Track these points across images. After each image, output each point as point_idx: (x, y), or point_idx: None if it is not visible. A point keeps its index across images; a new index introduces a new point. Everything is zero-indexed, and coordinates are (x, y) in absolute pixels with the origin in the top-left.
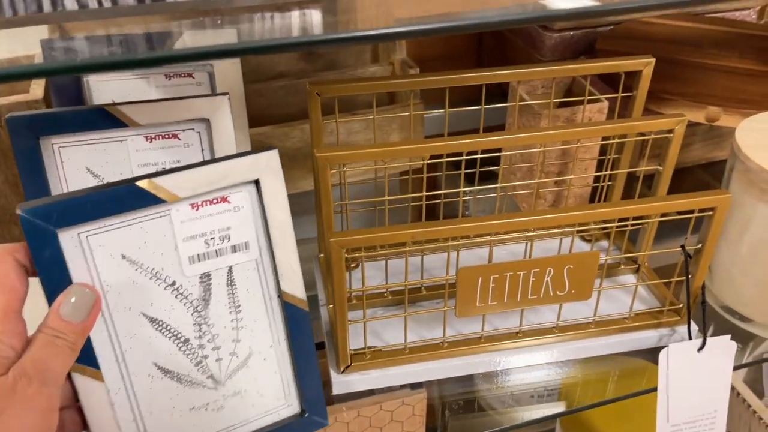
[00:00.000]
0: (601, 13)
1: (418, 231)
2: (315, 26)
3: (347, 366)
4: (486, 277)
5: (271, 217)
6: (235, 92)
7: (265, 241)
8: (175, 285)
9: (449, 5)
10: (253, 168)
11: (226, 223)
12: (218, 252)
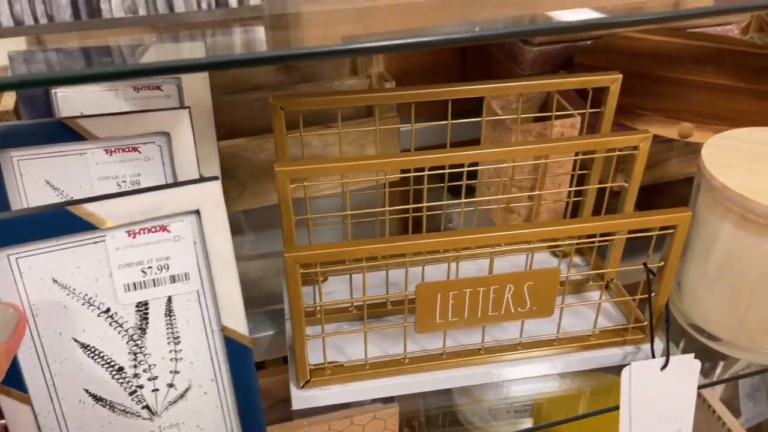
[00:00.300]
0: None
1: (374, 247)
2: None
3: (307, 381)
4: (445, 293)
5: (211, 248)
6: (203, 105)
7: (207, 272)
8: (109, 312)
9: (421, 20)
10: (194, 198)
11: (165, 252)
12: (156, 281)
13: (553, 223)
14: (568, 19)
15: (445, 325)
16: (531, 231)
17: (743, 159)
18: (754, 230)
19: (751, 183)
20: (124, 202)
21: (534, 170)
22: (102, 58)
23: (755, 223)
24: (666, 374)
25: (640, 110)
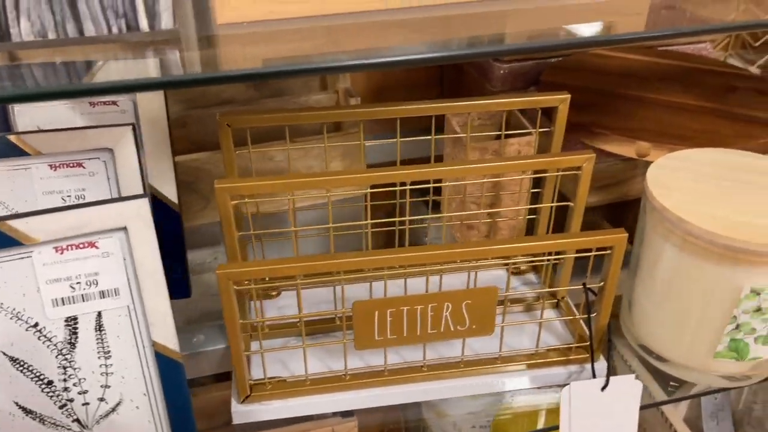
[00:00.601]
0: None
1: (305, 264)
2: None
3: (247, 396)
4: (382, 311)
5: (139, 265)
6: (158, 121)
7: (138, 288)
8: (37, 326)
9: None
10: (121, 215)
11: (94, 268)
12: (85, 297)
13: (482, 244)
14: (528, 43)
15: (384, 342)
16: (456, 251)
17: (687, 180)
18: (695, 253)
19: (691, 205)
20: (51, 218)
21: (492, 187)
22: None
23: (695, 245)
24: (607, 395)
25: (599, 129)
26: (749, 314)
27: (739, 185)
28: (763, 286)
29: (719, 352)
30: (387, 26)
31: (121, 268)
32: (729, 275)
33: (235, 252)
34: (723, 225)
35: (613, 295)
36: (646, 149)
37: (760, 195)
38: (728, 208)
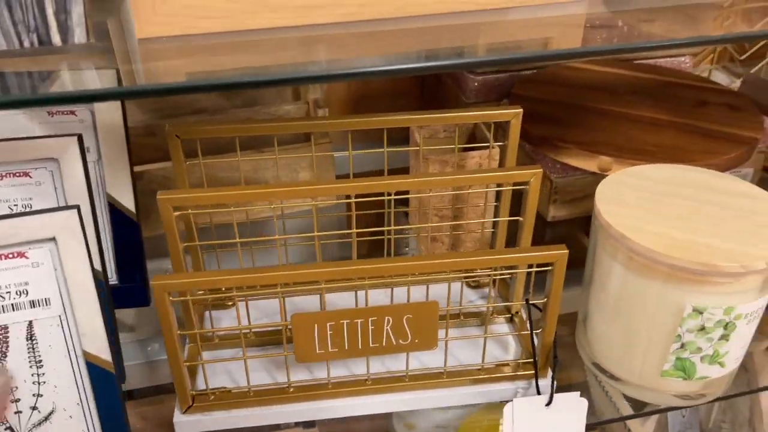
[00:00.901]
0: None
1: (241, 277)
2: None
3: (189, 406)
4: (321, 324)
5: (69, 275)
6: (115, 131)
7: (69, 299)
8: None
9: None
10: (49, 226)
11: (24, 278)
12: (15, 306)
13: (413, 259)
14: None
15: (325, 355)
16: (399, 264)
17: (637, 197)
18: (639, 271)
19: (637, 222)
20: None
21: (456, 200)
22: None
23: (639, 263)
24: (552, 411)
25: (562, 143)
26: (693, 333)
27: (691, 203)
28: (706, 306)
29: (666, 371)
30: (307, 41)
31: (52, 278)
32: (671, 294)
33: (180, 262)
34: (666, 243)
35: (557, 311)
36: (607, 164)
37: (710, 214)
38: (675, 226)
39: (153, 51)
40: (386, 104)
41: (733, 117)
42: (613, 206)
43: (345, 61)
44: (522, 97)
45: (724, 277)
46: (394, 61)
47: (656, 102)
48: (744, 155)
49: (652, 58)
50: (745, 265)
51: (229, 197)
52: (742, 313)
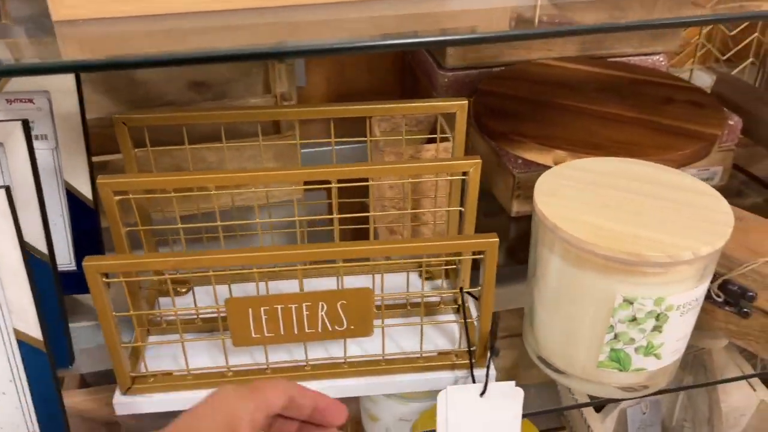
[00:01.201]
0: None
1: (171, 260)
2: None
3: (128, 388)
4: (256, 308)
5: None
6: (72, 119)
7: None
8: None
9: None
10: None
11: None
12: None
13: (341, 245)
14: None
15: (261, 339)
16: (324, 251)
17: (576, 189)
18: (572, 261)
19: (569, 213)
20: None
21: (413, 192)
22: None
23: (572, 253)
24: (488, 400)
25: (520, 137)
26: (625, 324)
27: (628, 195)
28: (635, 296)
29: (602, 362)
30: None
31: None
32: (603, 284)
33: (123, 246)
34: (596, 234)
35: (491, 300)
36: (562, 158)
37: (645, 205)
38: (609, 217)
39: (68, 34)
40: (364, 100)
41: (696, 114)
42: (549, 198)
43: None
44: (487, 92)
45: (651, 267)
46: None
47: (621, 99)
48: (701, 151)
49: (625, 56)
50: (672, 255)
51: (166, 182)
52: (674, 304)
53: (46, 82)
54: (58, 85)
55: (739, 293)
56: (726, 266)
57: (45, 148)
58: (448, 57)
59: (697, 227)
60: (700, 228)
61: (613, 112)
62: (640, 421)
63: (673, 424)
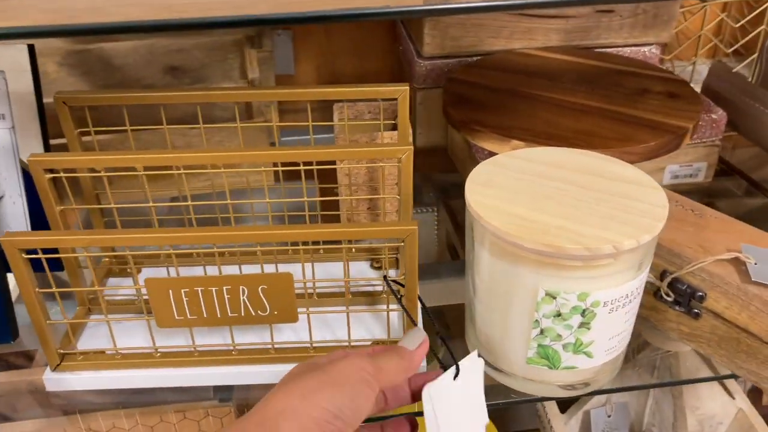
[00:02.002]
0: None
1: (87, 237)
2: None
3: (57, 364)
4: (176, 290)
5: None
6: (26, 99)
7: None
8: None
9: None
10: None
11: None
12: None
13: (263, 228)
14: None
15: (185, 322)
16: (247, 234)
17: (508, 178)
18: (498, 254)
19: (495, 203)
20: None
21: (368, 177)
22: None
23: (495, 245)
24: (459, 380)
25: (480, 126)
26: (550, 319)
27: (563, 186)
28: (558, 290)
29: (531, 359)
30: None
31: None
32: (526, 278)
33: (57, 223)
34: (517, 224)
35: (415, 288)
36: (520, 148)
37: (578, 197)
38: (536, 208)
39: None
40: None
41: (669, 106)
42: (481, 187)
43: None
44: (458, 81)
45: (572, 260)
46: None
47: (594, 89)
48: (668, 144)
49: (614, 47)
50: (591, 248)
51: (97, 161)
52: (600, 300)
53: (1, 61)
54: (13, 64)
55: (689, 293)
56: (676, 264)
57: (2, 128)
58: (426, 45)
59: (626, 220)
60: (628, 221)
61: (581, 103)
62: (604, 423)
63: (642, 429)
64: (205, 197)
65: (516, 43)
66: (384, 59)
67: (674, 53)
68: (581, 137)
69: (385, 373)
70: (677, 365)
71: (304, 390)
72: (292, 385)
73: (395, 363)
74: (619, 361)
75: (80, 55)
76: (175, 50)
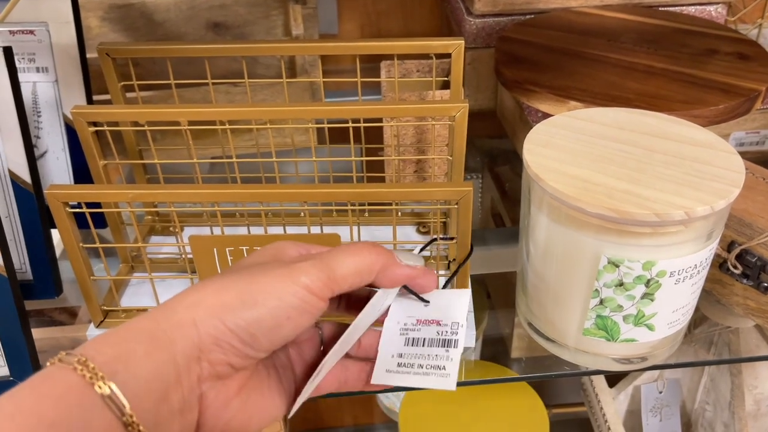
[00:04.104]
0: None
1: (132, 192)
2: None
3: (101, 321)
4: (221, 248)
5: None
6: (69, 52)
7: None
8: None
9: None
10: None
11: None
12: None
13: (323, 187)
14: None
15: None
16: (295, 192)
17: (569, 139)
18: (558, 219)
19: (555, 164)
20: None
21: (416, 138)
22: None
23: (555, 209)
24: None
25: (535, 86)
26: (611, 289)
27: (627, 148)
28: (621, 258)
29: (588, 330)
30: None
31: None
32: (587, 244)
33: (100, 178)
34: (583, 188)
35: (466, 252)
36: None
37: (644, 160)
38: (599, 170)
39: None
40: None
41: (739, 67)
42: (540, 148)
43: None
44: (511, 40)
45: (639, 227)
46: None
47: (657, 49)
48: (737, 108)
49: (677, 5)
50: (661, 214)
51: (141, 114)
52: (667, 270)
53: (45, 13)
54: (56, 16)
55: (759, 266)
56: (746, 235)
57: (46, 81)
58: (477, 2)
59: (698, 185)
60: (701, 186)
61: (643, 63)
62: (655, 400)
63: (694, 407)
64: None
65: (572, 1)
66: (430, 19)
67: (738, 15)
68: (644, 99)
69: (337, 282)
70: (737, 342)
71: (216, 298)
72: (209, 285)
73: (353, 267)
74: (680, 336)
75: (122, 10)
76: (217, 5)
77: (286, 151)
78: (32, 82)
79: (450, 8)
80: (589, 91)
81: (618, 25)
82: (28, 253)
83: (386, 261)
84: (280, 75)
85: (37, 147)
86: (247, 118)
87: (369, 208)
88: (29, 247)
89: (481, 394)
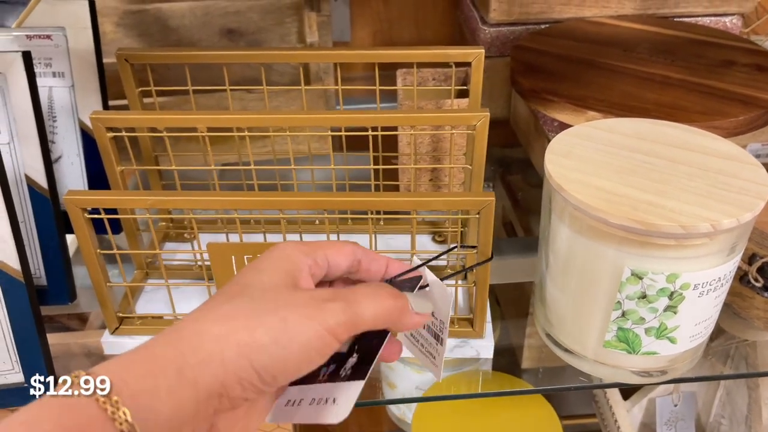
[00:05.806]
0: None
1: (151, 199)
2: None
3: (116, 328)
4: (239, 255)
5: None
6: (87, 57)
7: None
8: None
9: None
10: None
11: None
12: None
13: (340, 195)
14: None
15: None
16: (311, 200)
17: (591, 150)
18: (579, 229)
19: (577, 175)
20: None
21: (432, 147)
22: None
23: (577, 219)
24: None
25: (552, 96)
26: (634, 301)
27: (650, 159)
28: (645, 270)
29: (609, 342)
30: None
31: None
32: (610, 255)
33: (117, 183)
34: (606, 199)
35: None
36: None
37: (667, 171)
38: (622, 181)
39: None
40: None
41: (757, 79)
42: (562, 158)
43: None
44: (527, 49)
45: (664, 239)
46: None
47: (674, 60)
48: (757, 119)
49: (693, 16)
50: (687, 226)
51: (160, 120)
52: (691, 283)
53: (62, 18)
54: (74, 21)
55: None
56: (767, 248)
57: (62, 86)
58: (492, 11)
59: (724, 198)
60: (726, 199)
61: (660, 74)
62: (670, 413)
63: (710, 420)
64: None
65: (587, 10)
66: (443, 27)
67: (752, 27)
68: (662, 110)
69: (357, 327)
70: (754, 355)
71: (247, 334)
72: (239, 313)
73: (374, 314)
74: (701, 349)
75: (137, 16)
76: (231, 12)
77: (300, 158)
78: (48, 87)
79: (463, 17)
80: (607, 101)
81: (633, 36)
82: (42, 259)
83: (402, 309)
84: (293, 82)
85: (51, 152)
86: (267, 125)
87: (385, 217)
88: (44, 252)
89: (494, 405)
